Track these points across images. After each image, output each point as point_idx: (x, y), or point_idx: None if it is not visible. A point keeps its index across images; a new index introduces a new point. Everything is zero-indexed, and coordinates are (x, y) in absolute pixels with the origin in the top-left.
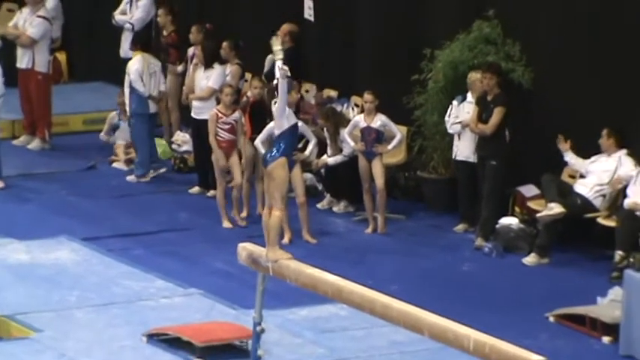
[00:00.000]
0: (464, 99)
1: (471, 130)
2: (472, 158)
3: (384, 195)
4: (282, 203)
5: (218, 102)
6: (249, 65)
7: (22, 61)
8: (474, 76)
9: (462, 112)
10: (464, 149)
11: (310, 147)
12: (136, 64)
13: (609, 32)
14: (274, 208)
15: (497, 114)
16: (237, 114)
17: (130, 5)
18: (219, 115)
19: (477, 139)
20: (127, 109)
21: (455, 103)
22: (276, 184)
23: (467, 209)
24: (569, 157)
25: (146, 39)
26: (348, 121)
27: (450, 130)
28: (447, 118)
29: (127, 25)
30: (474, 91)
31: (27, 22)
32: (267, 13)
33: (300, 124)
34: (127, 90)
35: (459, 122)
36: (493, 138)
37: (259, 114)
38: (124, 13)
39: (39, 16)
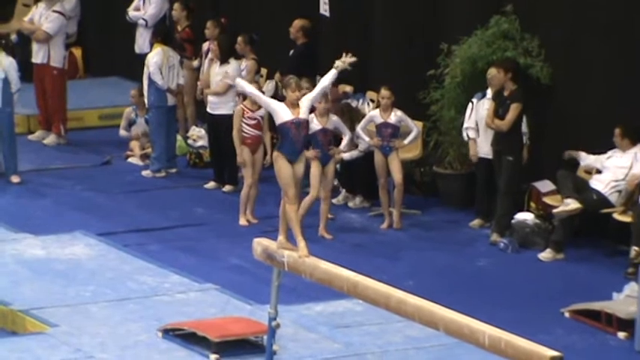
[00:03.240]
0: (483, 96)
1: (487, 126)
2: (491, 155)
3: (402, 190)
4: (289, 195)
5: (244, 98)
6: (264, 60)
7: (38, 56)
8: (493, 72)
9: (481, 108)
10: (483, 146)
11: (345, 141)
12: (156, 57)
13: (628, 27)
14: (284, 199)
15: (513, 110)
16: (262, 110)
17: (143, 1)
18: (246, 110)
19: (493, 134)
20: (146, 101)
21: (474, 100)
22: (278, 177)
23: (483, 205)
24: (583, 158)
25: (167, 32)
26: (364, 116)
27: (464, 134)
28: (466, 117)
29: (141, 22)
30: (492, 86)
31: (42, 17)
32: (282, 9)
33: (334, 118)
34: (145, 82)
35: (473, 127)
36: (509, 134)
37: None
38: (137, 9)
39: (54, 11)
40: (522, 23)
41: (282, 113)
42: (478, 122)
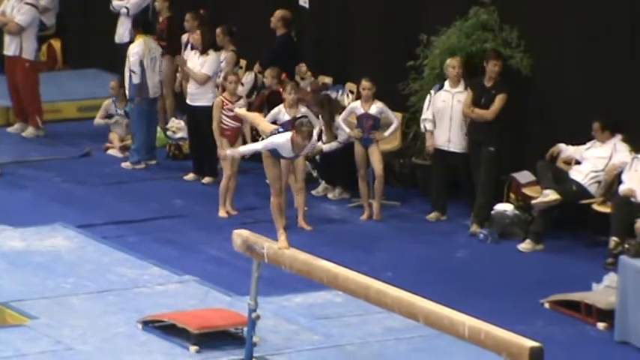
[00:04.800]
0: (440, 87)
1: (466, 115)
2: (446, 146)
3: (382, 181)
4: (274, 189)
5: (223, 90)
6: (243, 52)
7: (10, 48)
8: (447, 63)
9: (438, 100)
10: (439, 137)
11: (315, 132)
12: (137, 48)
13: (608, 17)
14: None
15: (500, 100)
16: (242, 101)
17: None
18: (225, 101)
19: (469, 124)
20: (127, 93)
21: (432, 92)
22: (266, 171)
23: (440, 198)
24: (563, 149)
25: (147, 22)
26: (343, 108)
27: (421, 126)
28: (424, 109)
29: (123, 10)
30: (449, 78)
31: (15, 10)
32: (261, 0)
33: (303, 109)
34: (127, 74)
35: (430, 119)
36: (491, 124)
37: (276, 105)
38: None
39: (27, 3)
40: (501, 14)
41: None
42: (435, 114)
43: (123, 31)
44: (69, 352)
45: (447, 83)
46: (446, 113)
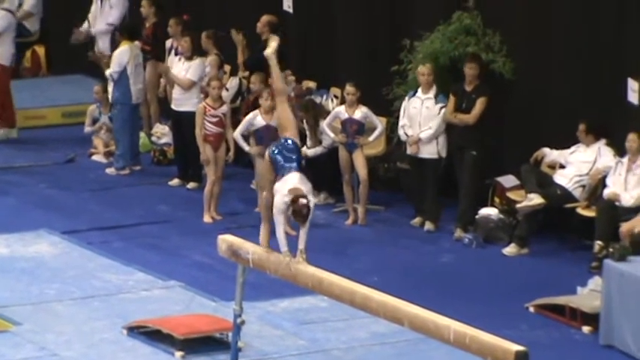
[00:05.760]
0: (414, 94)
1: (449, 121)
2: (420, 153)
3: (367, 186)
4: (266, 186)
5: (206, 95)
6: (227, 57)
7: None
8: (419, 70)
9: (411, 106)
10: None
11: None
12: (122, 54)
13: (589, 22)
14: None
15: (480, 104)
16: (224, 107)
17: (102, 3)
18: (208, 107)
19: (453, 129)
20: (110, 98)
21: (407, 98)
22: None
23: (420, 202)
24: (547, 153)
25: (133, 29)
26: (328, 112)
27: (400, 133)
28: (400, 116)
29: (107, 27)
30: (421, 85)
31: None
32: (246, 5)
33: None
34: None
35: (408, 125)
36: (474, 128)
37: None
38: (94, 16)
39: (2, 9)
40: (484, 19)
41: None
42: (408, 120)
43: (102, 44)
44: (53, 359)
45: (419, 90)
46: (416, 119)
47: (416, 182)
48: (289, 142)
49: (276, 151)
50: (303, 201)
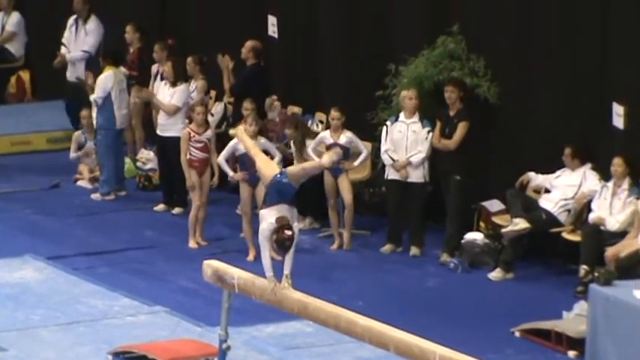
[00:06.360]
0: (396, 119)
1: (435, 146)
2: (409, 178)
3: (352, 210)
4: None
5: (190, 121)
6: (213, 82)
7: None
8: (403, 94)
9: (395, 131)
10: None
11: (275, 161)
12: (106, 80)
13: (573, 46)
14: None
15: (461, 128)
16: (209, 132)
17: (77, 30)
18: (192, 133)
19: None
20: (94, 123)
21: (388, 124)
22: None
23: (395, 229)
24: (533, 178)
25: (116, 54)
26: (316, 133)
27: (383, 158)
28: (382, 141)
29: (83, 54)
30: (405, 109)
31: None
32: (230, 30)
33: (262, 140)
34: (94, 105)
35: (392, 149)
36: (457, 153)
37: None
38: (68, 42)
39: None
40: (468, 43)
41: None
42: (392, 145)
43: (74, 71)
44: None
45: (402, 114)
46: (402, 144)
47: (396, 207)
48: (291, 188)
49: (273, 189)
50: (288, 232)
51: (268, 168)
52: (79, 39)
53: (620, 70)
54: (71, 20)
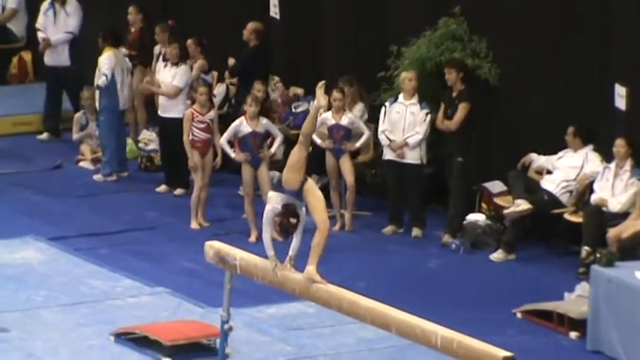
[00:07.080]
0: (395, 100)
1: (438, 128)
2: (405, 158)
3: (354, 192)
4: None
5: (193, 101)
6: (214, 64)
7: None
8: (403, 76)
9: (393, 112)
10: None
11: (276, 144)
12: (107, 60)
13: (575, 28)
14: None
15: (462, 109)
16: (212, 113)
17: (55, 13)
18: (195, 114)
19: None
20: (97, 104)
21: (387, 104)
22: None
23: (395, 210)
24: (535, 159)
25: (116, 35)
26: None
27: (380, 138)
28: (380, 121)
29: (67, 36)
30: (404, 91)
31: None
32: (232, 11)
33: (264, 121)
34: (96, 86)
35: (390, 130)
36: (459, 134)
37: (268, 115)
38: (44, 26)
39: None
40: (470, 25)
41: None
42: (390, 126)
43: (60, 53)
44: None
45: (401, 96)
46: (399, 125)
47: (395, 188)
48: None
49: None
50: (292, 220)
51: (295, 171)
52: (59, 22)
53: (622, 52)
54: (46, 4)
